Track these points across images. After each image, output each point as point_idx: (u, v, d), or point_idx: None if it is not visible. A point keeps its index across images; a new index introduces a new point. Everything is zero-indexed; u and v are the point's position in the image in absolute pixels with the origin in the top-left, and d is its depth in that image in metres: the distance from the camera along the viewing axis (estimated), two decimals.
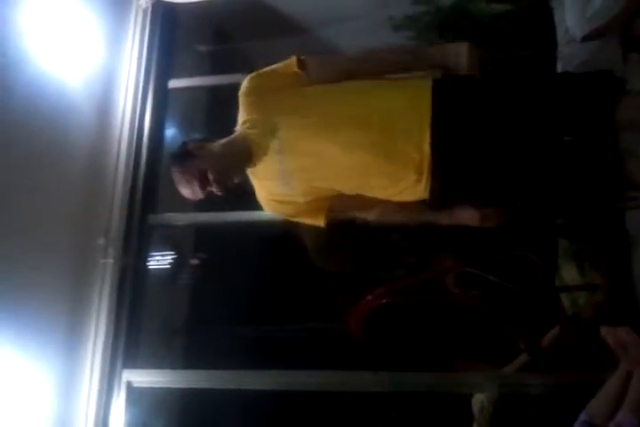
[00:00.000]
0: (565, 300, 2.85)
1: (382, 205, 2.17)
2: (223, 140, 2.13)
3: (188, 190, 2.10)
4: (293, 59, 2.16)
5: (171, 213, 3.26)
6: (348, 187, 2.14)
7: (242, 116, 2.21)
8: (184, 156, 2.09)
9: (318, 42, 4.41)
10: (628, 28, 2.77)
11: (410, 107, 2.04)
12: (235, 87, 3.58)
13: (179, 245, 3.79)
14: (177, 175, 2.11)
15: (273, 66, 2.19)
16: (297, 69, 2.14)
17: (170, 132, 3.68)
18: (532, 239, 2.74)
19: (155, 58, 3.44)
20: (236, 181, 2.12)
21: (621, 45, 2.74)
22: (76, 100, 2.97)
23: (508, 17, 3.67)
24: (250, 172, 2.21)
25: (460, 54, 2.07)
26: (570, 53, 2.78)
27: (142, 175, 3.18)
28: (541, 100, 2.09)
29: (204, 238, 3.95)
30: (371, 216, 2.21)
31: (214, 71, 4.27)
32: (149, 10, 3.47)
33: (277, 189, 2.16)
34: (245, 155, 2.11)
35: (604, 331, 2.10)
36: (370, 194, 2.14)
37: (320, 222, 2.21)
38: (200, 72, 4.11)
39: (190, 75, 3.70)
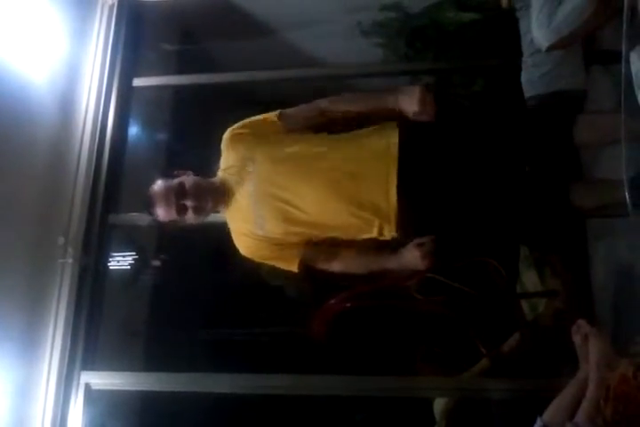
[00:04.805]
0: (525, 306, 2.89)
1: (344, 257, 2.26)
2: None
3: (164, 205, 2.20)
4: (273, 112, 2.33)
5: (132, 213, 3.21)
6: (320, 229, 2.21)
7: (223, 163, 2.33)
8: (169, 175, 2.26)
9: (285, 45, 4.42)
10: (591, 41, 2.83)
11: (377, 156, 2.15)
12: (200, 87, 3.59)
13: (140, 246, 3.75)
14: (155, 190, 2.23)
15: (252, 117, 2.34)
16: (275, 118, 2.29)
17: (133, 130, 3.64)
18: (494, 246, 2.78)
19: (119, 56, 3.39)
20: (210, 205, 2.23)
21: (584, 57, 2.79)
22: (38, 96, 2.93)
23: (475, 26, 3.71)
24: (228, 217, 2.32)
25: (412, 94, 2.16)
26: (533, 64, 2.81)
27: (104, 174, 3.13)
28: (500, 140, 2.21)
29: (165, 240, 3.91)
30: (334, 268, 2.28)
31: (180, 71, 4.24)
32: (115, 7, 3.42)
33: (255, 231, 2.24)
34: (222, 192, 2.25)
35: (573, 329, 2.12)
36: (340, 234, 2.22)
37: (294, 268, 2.27)
38: (165, 71, 4.09)
39: (155, 74, 3.66)
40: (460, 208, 2.16)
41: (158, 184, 2.25)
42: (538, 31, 2.80)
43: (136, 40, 3.55)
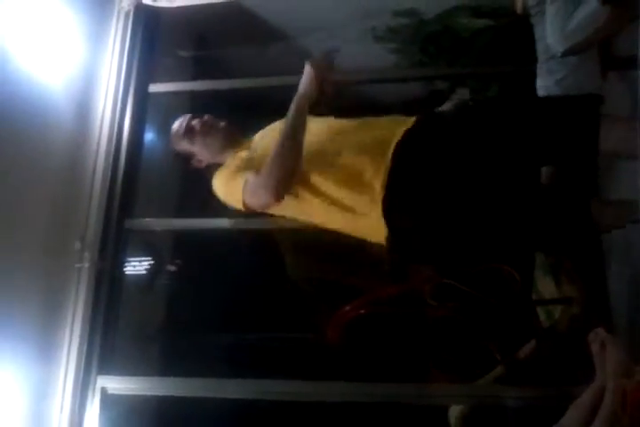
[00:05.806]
0: (541, 313, 2.88)
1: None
2: None
3: (177, 124, 2.56)
4: None
5: (148, 219, 3.23)
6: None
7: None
8: None
9: (299, 50, 4.43)
10: (607, 46, 2.82)
11: (376, 149, 2.22)
12: (215, 93, 3.61)
13: (156, 251, 3.77)
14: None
15: None
16: None
17: (149, 136, 3.66)
18: (510, 253, 2.77)
19: (135, 62, 3.39)
20: (220, 129, 2.51)
21: (600, 63, 2.78)
22: (54, 102, 2.94)
23: (489, 32, 3.71)
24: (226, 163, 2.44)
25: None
26: (548, 70, 2.81)
27: (120, 179, 3.14)
28: (514, 144, 2.22)
29: (181, 245, 3.93)
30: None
31: (195, 77, 4.27)
32: (132, 13, 3.43)
33: (245, 155, 2.39)
34: (237, 135, 2.54)
35: (590, 336, 2.10)
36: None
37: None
38: (181, 77, 4.11)
39: (171, 80, 3.67)
40: (476, 214, 2.15)
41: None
42: (552, 37, 2.79)
43: (152, 46, 3.55)
